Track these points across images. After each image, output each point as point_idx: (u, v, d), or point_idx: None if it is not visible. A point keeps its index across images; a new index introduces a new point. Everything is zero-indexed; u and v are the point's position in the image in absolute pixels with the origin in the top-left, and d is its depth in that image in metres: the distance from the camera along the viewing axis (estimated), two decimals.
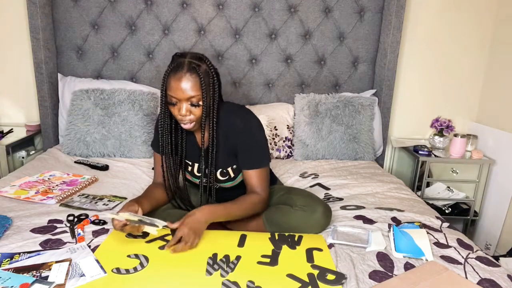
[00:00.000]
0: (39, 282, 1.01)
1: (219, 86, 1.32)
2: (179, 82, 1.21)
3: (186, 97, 1.23)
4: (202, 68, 1.25)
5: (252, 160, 1.38)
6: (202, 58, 1.28)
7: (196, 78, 1.22)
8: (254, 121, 1.39)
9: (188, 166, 1.45)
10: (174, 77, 1.22)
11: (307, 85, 2.45)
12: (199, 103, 1.25)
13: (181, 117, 1.27)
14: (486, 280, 1.12)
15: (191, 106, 1.25)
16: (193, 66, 1.23)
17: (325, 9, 2.33)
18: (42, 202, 1.53)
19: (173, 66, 1.24)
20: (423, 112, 2.59)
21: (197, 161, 1.43)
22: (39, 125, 2.38)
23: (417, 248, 1.25)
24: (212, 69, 1.28)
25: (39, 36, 2.19)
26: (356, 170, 2.07)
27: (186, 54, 1.27)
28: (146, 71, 2.38)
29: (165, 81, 1.25)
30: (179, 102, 1.25)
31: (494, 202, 2.36)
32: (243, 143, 1.36)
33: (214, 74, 1.29)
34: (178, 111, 1.26)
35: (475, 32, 2.47)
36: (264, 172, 1.40)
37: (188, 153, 1.43)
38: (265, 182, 1.40)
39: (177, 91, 1.22)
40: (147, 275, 1.09)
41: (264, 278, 1.09)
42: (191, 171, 1.46)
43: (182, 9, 2.29)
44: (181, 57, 1.26)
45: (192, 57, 1.26)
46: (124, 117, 2.12)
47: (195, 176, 1.46)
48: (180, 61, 1.24)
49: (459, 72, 2.54)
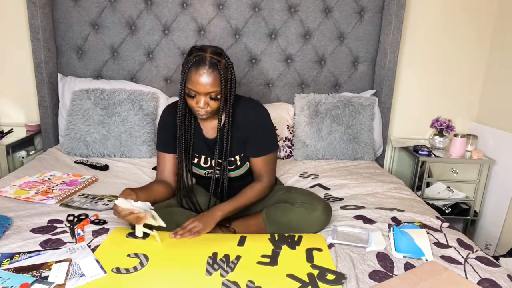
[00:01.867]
0: (39, 282, 1.01)
1: (235, 80, 1.37)
2: (200, 77, 1.25)
3: (206, 91, 1.26)
4: (222, 63, 1.28)
5: (260, 148, 1.45)
6: (222, 53, 1.31)
7: (217, 74, 1.26)
8: (264, 111, 1.45)
9: (194, 158, 1.48)
10: (196, 72, 1.25)
11: (307, 85, 2.45)
12: (217, 97, 1.29)
13: (198, 109, 1.31)
14: (486, 280, 1.12)
15: (210, 100, 1.29)
16: (214, 62, 1.26)
17: (325, 9, 2.33)
18: (42, 202, 1.54)
19: (194, 60, 1.26)
20: (423, 112, 2.59)
21: (204, 152, 1.46)
22: (39, 125, 2.38)
23: (417, 248, 1.25)
24: (230, 64, 1.32)
25: (39, 36, 2.19)
26: (356, 170, 2.07)
27: (207, 48, 1.29)
28: (146, 71, 2.38)
29: (185, 73, 1.27)
30: (197, 95, 1.28)
31: (494, 202, 2.36)
32: (254, 132, 1.42)
33: (231, 68, 1.33)
34: (196, 103, 1.29)
35: (475, 32, 2.47)
36: (271, 158, 1.47)
37: (195, 145, 1.46)
38: (272, 168, 1.48)
39: (197, 85, 1.25)
40: (147, 275, 1.09)
41: (264, 278, 1.09)
42: (197, 163, 1.48)
43: (182, 9, 2.29)
44: (201, 50, 1.28)
45: (212, 52, 1.28)
46: (124, 117, 2.12)
47: (201, 168, 1.49)
48: (202, 55, 1.26)
49: (459, 72, 2.54)
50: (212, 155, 1.45)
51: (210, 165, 1.47)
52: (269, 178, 1.48)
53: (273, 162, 1.50)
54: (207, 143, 1.46)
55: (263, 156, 1.45)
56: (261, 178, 1.47)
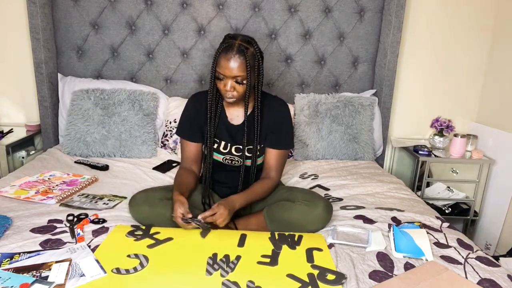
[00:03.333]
0: (39, 282, 1.01)
1: (263, 69, 1.44)
2: (227, 62, 1.34)
3: (232, 75, 1.35)
4: (250, 51, 1.37)
5: (280, 141, 1.53)
6: (251, 41, 1.40)
7: (243, 60, 1.34)
8: (288, 109, 1.56)
9: (214, 143, 1.53)
10: (225, 56, 1.35)
11: (307, 85, 2.45)
12: (243, 82, 1.37)
13: (225, 92, 1.39)
14: (486, 280, 1.12)
15: (236, 83, 1.38)
16: (242, 48, 1.35)
17: (325, 9, 2.33)
18: (42, 202, 1.53)
19: (224, 46, 1.36)
20: (423, 112, 2.59)
21: (224, 138, 1.53)
22: (39, 125, 2.38)
23: (417, 248, 1.25)
24: (258, 53, 1.41)
25: (39, 36, 2.19)
26: (356, 170, 2.07)
27: (237, 36, 1.39)
28: (146, 71, 2.38)
29: (216, 58, 1.37)
30: (225, 79, 1.37)
31: (494, 202, 2.36)
32: (277, 125, 1.52)
33: (260, 57, 1.41)
34: (224, 86, 1.38)
35: (475, 32, 2.47)
36: (285, 155, 1.56)
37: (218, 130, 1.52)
38: (282, 165, 1.57)
39: (225, 69, 1.35)
40: (147, 275, 1.09)
41: (264, 278, 1.09)
42: (217, 148, 1.54)
43: (182, 9, 2.29)
44: (233, 38, 1.38)
45: (242, 40, 1.38)
46: (124, 117, 2.12)
47: (220, 153, 1.54)
48: (231, 42, 1.36)
49: (459, 72, 2.54)
50: (233, 142, 1.53)
51: (229, 151, 1.54)
52: (278, 174, 1.56)
53: (285, 159, 1.59)
54: (229, 129, 1.53)
55: (280, 150, 1.53)
56: (270, 174, 1.53)
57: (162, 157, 2.14)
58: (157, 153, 2.18)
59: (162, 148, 2.22)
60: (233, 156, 1.54)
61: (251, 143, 1.51)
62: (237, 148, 1.53)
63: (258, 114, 1.47)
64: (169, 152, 2.20)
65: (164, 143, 2.23)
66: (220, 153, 1.54)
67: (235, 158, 1.54)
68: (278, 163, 1.55)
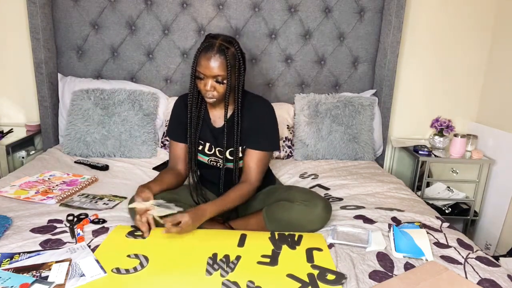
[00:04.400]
0: (39, 282, 1.01)
1: (244, 70, 1.43)
2: (208, 61, 1.33)
3: (212, 74, 1.35)
4: (231, 51, 1.36)
5: (260, 141, 1.49)
6: (232, 41, 1.39)
7: (223, 60, 1.34)
8: (271, 108, 1.52)
9: (199, 145, 1.53)
10: (205, 55, 1.34)
11: (307, 85, 2.45)
12: (224, 81, 1.36)
13: (205, 91, 1.39)
14: (486, 280, 1.12)
15: (216, 83, 1.37)
16: (222, 48, 1.34)
17: (325, 9, 2.33)
18: (42, 202, 1.53)
19: (205, 45, 1.36)
20: (423, 112, 2.59)
21: (209, 140, 1.53)
22: (39, 125, 2.38)
23: (417, 248, 1.25)
24: (239, 53, 1.40)
25: (39, 36, 2.19)
26: (356, 170, 2.07)
27: (218, 36, 1.38)
28: (146, 71, 2.38)
29: (196, 57, 1.37)
30: (205, 78, 1.37)
31: (494, 202, 2.36)
32: (258, 125, 1.48)
33: (241, 58, 1.40)
34: (204, 86, 1.38)
35: (475, 32, 2.47)
36: (266, 157, 1.51)
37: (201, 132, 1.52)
38: (263, 169, 1.51)
39: (205, 68, 1.34)
40: (147, 275, 1.09)
41: (264, 278, 1.09)
42: (202, 150, 1.54)
43: (182, 9, 2.29)
44: (213, 38, 1.37)
45: (223, 39, 1.37)
46: (124, 117, 2.12)
47: (205, 155, 1.54)
48: (212, 41, 1.36)
49: (459, 72, 2.54)
50: (217, 144, 1.52)
51: (214, 153, 1.53)
52: (257, 178, 1.49)
53: (267, 162, 1.53)
54: (213, 131, 1.52)
55: (260, 151, 1.48)
56: (249, 177, 1.48)
57: (162, 157, 2.14)
58: (157, 153, 2.18)
59: (162, 148, 2.22)
60: (217, 158, 1.53)
61: (232, 146, 1.49)
62: (220, 151, 1.51)
63: (238, 115, 1.44)
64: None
65: (164, 143, 2.23)
66: (205, 154, 1.54)
67: (219, 161, 1.53)
68: (257, 165, 1.48)
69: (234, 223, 1.46)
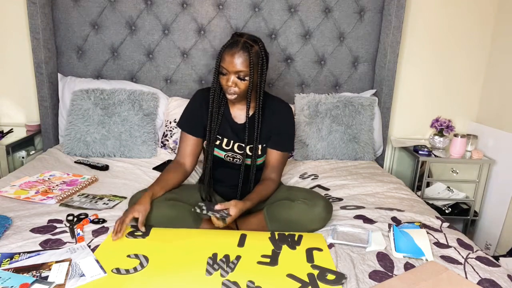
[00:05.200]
0: (39, 282, 1.01)
1: (267, 69, 1.47)
2: (231, 57, 1.38)
3: (235, 70, 1.38)
4: (254, 48, 1.41)
5: (283, 143, 1.57)
6: (257, 40, 1.44)
7: (246, 56, 1.38)
8: (292, 112, 1.60)
9: (217, 140, 1.55)
10: (229, 52, 1.39)
11: (307, 85, 2.45)
12: (246, 78, 1.40)
13: (227, 87, 1.42)
14: (486, 280, 1.12)
15: (238, 79, 1.40)
16: (246, 45, 1.38)
17: (325, 9, 2.33)
18: (42, 202, 1.53)
19: (230, 42, 1.41)
20: (423, 112, 2.59)
21: (227, 135, 1.55)
22: (39, 125, 2.38)
23: (417, 248, 1.25)
24: (263, 52, 1.44)
25: (39, 36, 2.19)
26: (356, 170, 2.07)
27: (244, 34, 1.43)
28: (146, 71, 2.38)
29: (220, 53, 1.41)
30: (228, 74, 1.40)
31: (494, 202, 2.36)
32: (281, 126, 1.55)
33: (265, 57, 1.44)
34: (226, 81, 1.41)
35: (475, 32, 2.47)
36: (286, 157, 1.60)
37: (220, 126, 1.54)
38: (283, 167, 1.62)
39: (228, 64, 1.38)
40: (147, 275, 1.09)
41: (264, 278, 1.09)
42: (219, 144, 1.56)
43: (182, 9, 2.29)
44: (239, 36, 1.42)
45: (248, 37, 1.42)
46: (124, 117, 2.12)
47: (222, 149, 1.56)
48: (237, 39, 1.41)
49: (459, 72, 2.54)
50: (235, 138, 1.55)
51: (231, 148, 1.55)
52: (279, 176, 1.59)
53: (286, 162, 1.62)
54: (232, 126, 1.55)
55: (282, 152, 1.57)
56: (271, 175, 1.55)
57: (162, 157, 2.14)
58: (157, 153, 2.18)
59: (162, 148, 2.22)
60: (235, 154, 1.55)
61: (252, 142, 1.52)
62: (240, 146, 1.55)
63: (259, 114, 1.49)
64: (169, 152, 2.19)
65: (164, 143, 2.23)
66: (222, 149, 1.56)
67: (236, 156, 1.55)
68: (279, 164, 1.57)
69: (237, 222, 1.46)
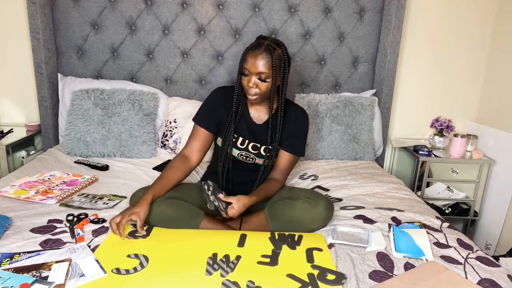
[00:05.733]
0: (39, 282, 1.01)
1: (288, 72, 1.49)
2: (254, 58, 1.40)
3: (257, 71, 1.41)
4: (277, 52, 1.43)
5: (297, 146, 1.60)
6: (280, 44, 1.46)
7: (269, 59, 1.40)
8: (308, 118, 1.64)
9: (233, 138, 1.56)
10: (252, 53, 1.41)
11: (307, 85, 2.45)
12: (267, 80, 1.42)
13: (248, 88, 1.44)
14: (486, 280, 1.12)
15: (259, 81, 1.43)
16: (270, 48, 1.41)
17: (325, 9, 2.33)
18: (42, 202, 1.53)
19: (253, 44, 1.44)
20: (423, 112, 2.59)
21: (243, 134, 1.56)
22: (39, 125, 2.38)
23: (417, 248, 1.25)
24: (285, 56, 1.45)
25: (39, 36, 2.19)
26: (356, 170, 2.07)
27: (268, 38, 1.46)
28: (146, 71, 2.38)
29: (244, 55, 1.44)
30: (250, 75, 1.43)
31: (494, 202, 2.36)
32: (298, 130, 1.60)
33: (287, 61, 1.46)
34: (248, 82, 1.44)
35: (475, 32, 2.47)
36: (295, 161, 1.63)
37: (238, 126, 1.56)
38: (290, 170, 1.64)
39: (250, 65, 1.41)
40: (147, 275, 1.09)
41: (264, 278, 1.09)
42: (234, 143, 1.57)
43: (182, 9, 2.29)
44: (263, 39, 1.45)
45: (271, 41, 1.45)
46: (124, 117, 2.12)
47: (237, 148, 1.57)
48: (261, 41, 1.44)
49: (459, 72, 2.54)
50: (251, 138, 1.56)
51: (246, 147, 1.56)
52: (285, 179, 1.62)
53: (294, 166, 1.64)
54: (249, 126, 1.56)
55: (293, 155, 1.59)
56: (278, 176, 1.58)
57: (162, 157, 2.14)
58: (157, 153, 2.18)
59: (162, 148, 2.22)
60: (249, 153, 1.56)
61: (270, 143, 1.54)
62: (254, 146, 1.56)
63: (281, 115, 1.51)
64: (169, 152, 2.19)
65: (164, 143, 2.23)
66: (237, 148, 1.57)
67: (250, 155, 1.57)
68: (288, 167, 1.60)
69: (234, 222, 1.46)
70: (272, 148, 1.55)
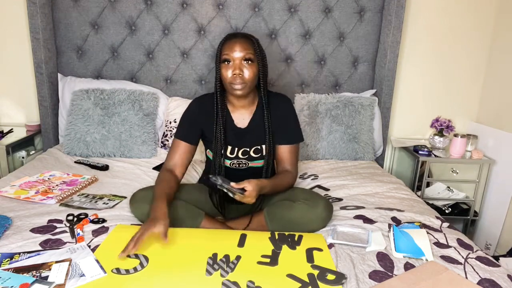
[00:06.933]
0: (39, 282, 1.01)
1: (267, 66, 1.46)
2: (234, 43, 1.36)
3: (241, 55, 1.35)
4: (254, 39, 1.43)
5: (290, 135, 1.54)
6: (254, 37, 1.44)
7: (250, 42, 1.38)
8: (291, 102, 1.57)
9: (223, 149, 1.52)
10: (229, 41, 1.37)
11: (307, 85, 2.45)
12: (252, 61, 1.37)
13: (232, 78, 1.37)
14: (486, 280, 1.12)
15: (244, 63, 1.36)
16: (245, 35, 1.41)
17: (325, 9, 2.33)
18: (42, 202, 1.53)
19: (227, 36, 1.41)
20: (423, 112, 2.59)
21: (231, 142, 1.50)
22: (39, 125, 2.38)
23: (417, 248, 1.25)
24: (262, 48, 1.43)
25: (39, 36, 2.19)
26: (356, 170, 2.07)
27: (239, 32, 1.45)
28: (146, 71, 2.38)
29: (219, 48, 1.39)
30: (233, 60, 1.36)
31: (494, 202, 2.36)
32: (284, 120, 1.52)
33: (263, 53, 1.43)
34: (233, 69, 1.36)
35: (475, 32, 2.47)
36: (297, 149, 1.56)
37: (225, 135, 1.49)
38: (296, 159, 1.57)
39: (231, 50, 1.35)
40: (147, 275, 1.09)
41: (264, 278, 1.09)
42: (224, 153, 1.51)
43: (182, 9, 2.29)
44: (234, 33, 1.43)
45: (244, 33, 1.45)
46: (124, 117, 2.12)
47: (228, 158, 1.52)
48: (234, 33, 1.42)
49: (459, 72, 2.54)
50: (240, 144, 1.50)
51: (236, 155, 1.52)
52: (294, 168, 1.55)
53: (298, 154, 1.58)
54: (236, 133, 1.50)
55: (291, 145, 1.53)
56: (287, 167, 1.53)
57: (162, 157, 2.14)
58: (157, 153, 2.18)
59: (162, 148, 2.22)
60: (240, 160, 1.52)
61: (262, 143, 1.50)
62: (244, 151, 1.51)
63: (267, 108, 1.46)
64: None
65: (164, 143, 2.23)
66: (228, 158, 1.52)
67: (242, 161, 1.53)
68: (292, 159, 1.54)
69: (234, 223, 1.46)
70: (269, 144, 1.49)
